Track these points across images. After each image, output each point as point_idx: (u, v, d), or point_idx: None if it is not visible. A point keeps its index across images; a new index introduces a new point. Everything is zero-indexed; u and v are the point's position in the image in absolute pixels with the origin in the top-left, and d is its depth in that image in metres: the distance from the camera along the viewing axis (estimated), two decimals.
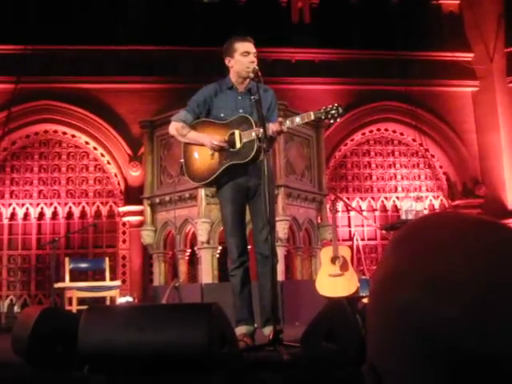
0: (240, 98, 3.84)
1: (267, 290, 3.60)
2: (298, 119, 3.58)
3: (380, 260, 0.61)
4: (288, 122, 3.59)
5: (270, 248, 3.52)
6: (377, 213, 10.54)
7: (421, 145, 10.61)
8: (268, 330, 3.58)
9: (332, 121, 3.60)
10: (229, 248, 3.88)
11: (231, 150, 3.71)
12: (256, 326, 3.81)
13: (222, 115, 3.82)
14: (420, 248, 0.55)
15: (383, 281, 0.57)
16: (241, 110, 3.78)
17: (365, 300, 2.63)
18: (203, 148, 3.79)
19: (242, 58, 3.79)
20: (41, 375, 2.63)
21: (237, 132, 3.71)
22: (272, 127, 3.56)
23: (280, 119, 3.62)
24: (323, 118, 3.54)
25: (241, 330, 3.68)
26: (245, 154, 3.67)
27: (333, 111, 3.48)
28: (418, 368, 0.51)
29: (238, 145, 3.70)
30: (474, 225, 0.57)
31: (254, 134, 3.61)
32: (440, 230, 0.57)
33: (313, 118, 3.55)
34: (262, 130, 3.49)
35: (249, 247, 3.96)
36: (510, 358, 0.48)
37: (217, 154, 3.75)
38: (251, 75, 3.70)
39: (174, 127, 3.92)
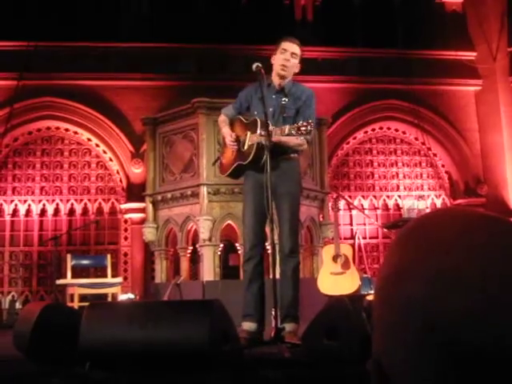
0: (274, 96, 3.93)
1: (288, 287, 3.74)
2: (278, 131, 3.67)
3: (385, 257, 0.61)
4: (273, 132, 3.68)
5: (291, 248, 3.70)
6: (379, 211, 10.53)
7: (423, 143, 10.60)
8: (289, 327, 3.67)
9: (302, 137, 3.67)
10: (244, 240, 4.06)
11: (242, 150, 3.89)
12: (260, 322, 3.85)
13: (255, 113, 3.95)
14: (425, 243, 0.55)
15: (388, 276, 0.57)
16: (271, 109, 3.87)
17: (369, 297, 2.63)
18: (229, 147, 4.03)
19: (280, 55, 3.96)
20: (42, 371, 2.63)
21: (248, 134, 3.87)
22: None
23: (271, 128, 3.68)
24: (294, 133, 3.57)
25: (245, 325, 3.79)
26: (247, 155, 3.83)
27: (303, 128, 3.52)
28: (424, 361, 0.51)
29: (246, 146, 3.86)
30: (479, 220, 0.56)
31: (255, 136, 3.75)
32: (444, 225, 0.57)
33: (286, 132, 3.62)
34: (262, 137, 3.66)
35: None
36: None
37: (235, 153, 3.95)
38: (281, 72, 3.88)
39: (219, 119, 4.21)
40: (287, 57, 3.92)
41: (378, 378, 0.56)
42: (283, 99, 3.81)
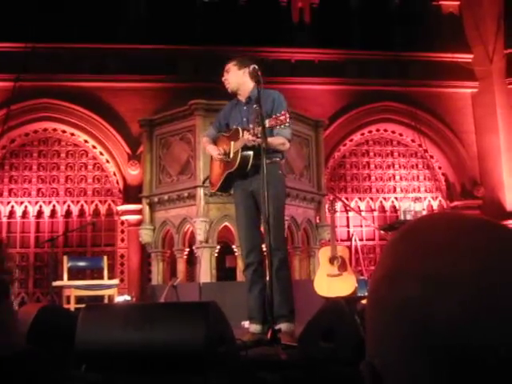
0: (245, 108, 4.16)
1: (275, 288, 3.74)
2: (260, 128, 3.76)
3: (379, 260, 0.61)
4: (255, 130, 3.80)
5: (273, 246, 3.71)
6: (375, 213, 10.54)
7: (420, 145, 10.61)
8: (284, 328, 3.71)
9: (282, 126, 3.75)
10: (240, 248, 4.31)
11: (227, 159, 4.06)
12: (264, 324, 3.90)
13: (234, 127, 4.14)
14: (418, 247, 0.56)
15: (381, 279, 0.57)
16: (244, 119, 4.11)
17: (364, 301, 2.64)
18: (217, 159, 4.20)
19: None
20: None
21: (232, 143, 4.03)
22: (246, 136, 3.83)
23: (250, 127, 3.85)
24: (274, 124, 3.71)
25: (250, 327, 4.01)
26: (233, 163, 3.99)
27: (281, 117, 3.66)
28: (417, 364, 0.52)
29: (231, 155, 4.03)
30: (471, 224, 0.57)
31: (238, 143, 3.93)
32: (438, 229, 0.57)
33: (267, 125, 3.72)
34: (245, 139, 3.82)
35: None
36: (507, 351, 0.48)
37: (223, 165, 4.11)
38: (228, 90, 4.23)
39: (202, 140, 4.58)
40: (223, 78, 4.25)
41: (371, 380, 0.56)
42: (254, 106, 3.90)
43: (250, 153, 3.87)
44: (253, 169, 3.88)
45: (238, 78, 4.15)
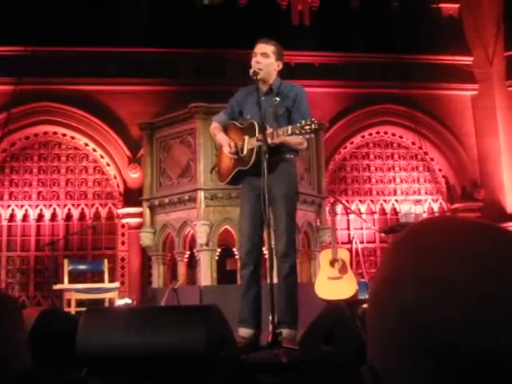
0: (264, 98, 3.92)
1: (281, 293, 3.71)
2: (280, 132, 3.67)
3: (380, 262, 0.61)
4: (275, 133, 3.67)
5: (283, 252, 3.70)
6: (376, 216, 10.54)
7: (420, 148, 10.61)
8: (285, 333, 3.63)
9: (307, 136, 3.63)
10: (239, 246, 4.07)
11: (240, 155, 3.89)
12: (256, 328, 3.84)
13: (248, 117, 3.98)
14: (419, 250, 0.56)
15: (383, 282, 0.57)
16: (262, 110, 3.85)
17: (365, 305, 2.64)
18: (228, 155, 3.99)
19: (252, 60, 3.99)
20: (39, 377, 2.62)
21: (246, 138, 3.87)
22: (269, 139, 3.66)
23: (270, 130, 3.68)
24: (297, 132, 3.56)
25: (240, 331, 3.78)
26: (248, 160, 3.82)
27: (307, 126, 3.51)
28: (417, 367, 0.52)
29: (245, 151, 3.87)
30: (473, 228, 0.57)
31: (255, 140, 3.75)
32: (439, 232, 0.57)
33: (290, 132, 3.60)
34: (260, 137, 3.64)
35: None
36: (507, 356, 0.48)
37: (233, 159, 3.93)
38: (252, 77, 3.84)
39: (211, 127, 4.25)
40: (257, 59, 3.97)
41: (371, 383, 0.57)
42: (274, 99, 3.83)
43: (265, 153, 3.64)
44: (266, 165, 3.71)
45: (271, 67, 4.00)
